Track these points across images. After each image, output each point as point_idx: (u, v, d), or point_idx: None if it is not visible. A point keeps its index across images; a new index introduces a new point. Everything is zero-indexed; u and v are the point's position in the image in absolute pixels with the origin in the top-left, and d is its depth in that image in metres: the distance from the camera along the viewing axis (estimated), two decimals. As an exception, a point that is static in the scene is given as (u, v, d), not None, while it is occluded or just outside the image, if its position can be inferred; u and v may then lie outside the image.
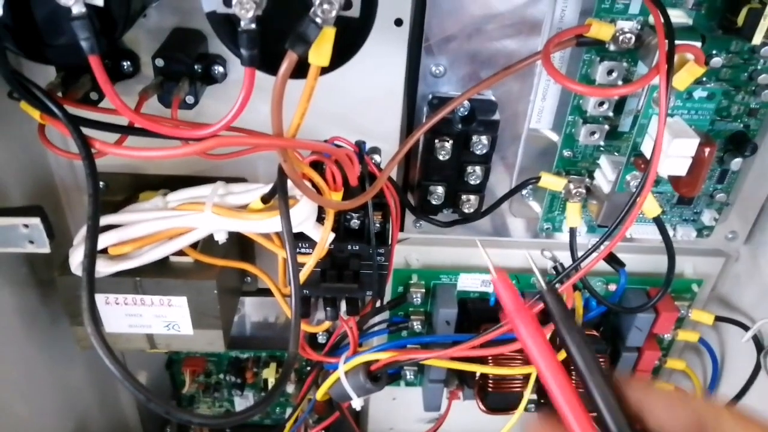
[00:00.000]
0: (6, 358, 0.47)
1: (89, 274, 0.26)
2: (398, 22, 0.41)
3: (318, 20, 0.27)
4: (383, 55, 0.42)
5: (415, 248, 0.53)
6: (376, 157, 0.45)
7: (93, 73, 0.28)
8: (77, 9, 0.27)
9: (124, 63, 0.41)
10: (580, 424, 0.22)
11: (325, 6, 0.27)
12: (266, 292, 0.48)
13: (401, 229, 0.51)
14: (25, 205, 0.44)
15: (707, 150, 0.38)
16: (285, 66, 0.27)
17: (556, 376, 0.23)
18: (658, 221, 0.42)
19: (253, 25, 0.28)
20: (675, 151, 0.37)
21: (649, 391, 0.24)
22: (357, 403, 0.46)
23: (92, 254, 0.27)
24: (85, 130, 0.32)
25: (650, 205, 0.40)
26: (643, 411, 0.24)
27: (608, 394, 0.23)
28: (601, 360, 0.23)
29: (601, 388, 0.23)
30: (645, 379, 0.23)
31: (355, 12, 0.28)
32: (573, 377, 0.24)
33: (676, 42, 0.35)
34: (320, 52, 0.28)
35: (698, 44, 0.37)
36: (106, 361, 0.24)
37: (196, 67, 0.39)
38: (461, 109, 0.43)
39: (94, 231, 0.28)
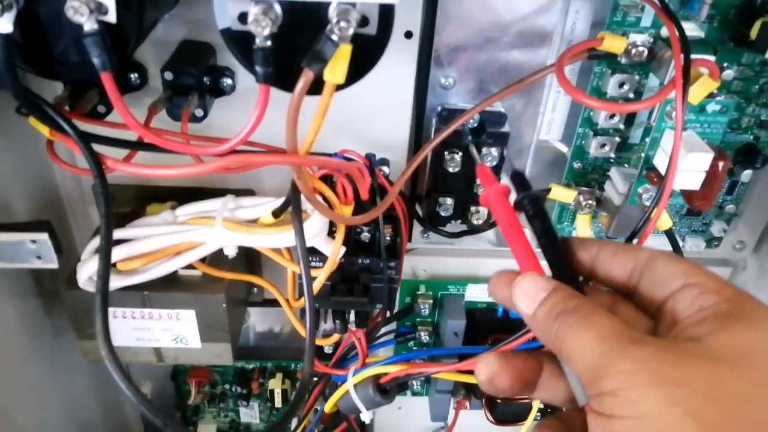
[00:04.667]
0: (10, 368, 0.47)
1: (103, 296, 0.25)
2: (408, 35, 0.41)
3: (334, 38, 0.27)
4: (392, 68, 0.42)
5: (423, 259, 0.53)
6: (385, 169, 0.44)
7: (102, 88, 0.27)
8: (89, 26, 0.26)
9: (132, 75, 0.40)
10: (523, 260, 0.28)
11: (342, 24, 0.26)
12: (272, 303, 0.48)
13: (409, 240, 0.51)
14: (32, 219, 0.44)
15: (721, 164, 0.37)
16: (301, 85, 0.27)
17: (515, 236, 0.29)
18: (669, 234, 0.41)
19: (269, 43, 0.27)
20: (689, 165, 0.36)
21: (600, 246, 0.27)
22: (366, 416, 0.45)
23: (105, 276, 0.26)
24: (95, 146, 0.32)
25: (662, 219, 0.40)
26: (595, 265, 0.27)
27: (552, 247, 0.28)
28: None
29: (550, 246, 0.28)
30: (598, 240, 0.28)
31: (371, 29, 0.28)
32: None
33: (691, 56, 0.34)
34: (336, 70, 0.27)
35: (712, 58, 0.36)
36: (123, 388, 0.24)
37: (205, 79, 0.39)
38: (471, 121, 0.43)
39: (107, 251, 0.27)
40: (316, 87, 0.28)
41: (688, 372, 0.21)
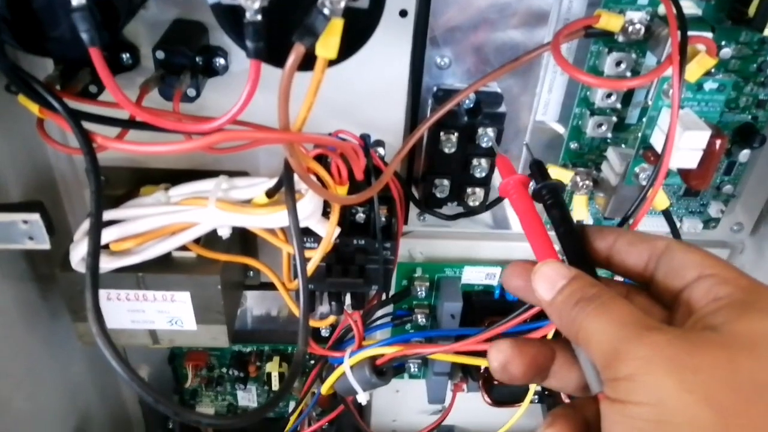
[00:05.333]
0: (6, 353, 0.47)
1: (93, 273, 0.25)
2: (403, 13, 0.41)
3: (326, 11, 0.27)
4: (387, 47, 0.41)
5: (419, 241, 0.52)
6: (381, 150, 0.44)
7: (93, 66, 0.27)
8: (77, 0, 0.26)
9: (124, 55, 0.40)
10: (540, 249, 0.28)
11: (333, -4, 0.26)
12: (269, 286, 0.48)
13: (405, 222, 0.50)
14: (25, 200, 0.43)
15: (718, 142, 0.37)
16: (292, 59, 0.27)
17: (533, 226, 0.29)
18: (666, 214, 0.41)
19: (259, 17, 0.27)
20: (686, 143, 0.36)
21: (617, 235, 0.27)
22: (362, 398, 0.45)
23: (95, 253, 0.26)
24: (86, 124, 0.32)
25: (660, 198, 0.39)
26: (611, 254, 0.27)
27: (569, 236, 0.28)
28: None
29: (567, 236, 0.28)
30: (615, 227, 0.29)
31: (363, 3, 0.28)
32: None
33: (688, 33, 0.34)
34: (328, 45, 0.27)
35: (709, 35, 0.36)
36: (113, 364, 0.24)
37: (197, 59, 0.39)
38: (467, 102, 0.43)
39: (97, 228, 0.27)
40: (309, 63, 0.28)
41: (705, 359, 0.20)
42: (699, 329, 0.22)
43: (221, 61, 0.40)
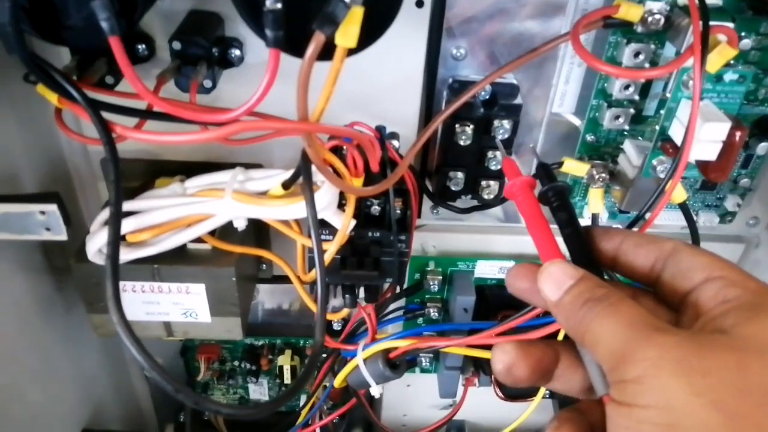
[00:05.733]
0: (21, 345, 0.47)
1: (113, 262, 0.25)
2: (419, 4, 0.40)
3: (346, -1, 0.26)
4: (403, 38, 0.41)
5: (432, 235, 0.52)
6: (395, 143, 0.44)
7: (110, 57, 0.27)
8: (97, -11, 0.26)
9: (140, 46, 0.40)
10: (546, 250, 0.27)
11: (354, -16, 0.26)
12: (282, 279, 0.48)
13: (418, 216, 0.50)
14: (40, 191, 0.43)
15: (738, 134, 0.37)
16: (312, 47, 0.26)
17: (538, 228, 0.28)
18: (683, 207, 0.41)
19: (279, 5, 0.27)
20: (706, 135, 0.36)
21: (623, 237, 0.27)
22: (375, 391, 0.45)
23: (116, 242, 0.26)
24: (104, 114, 0.32)
25: (677, 191, 0.39)
26: (617, 255, 0.27)
27: (575, 238, 0.28)
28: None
29: (573, 237, 0.28)
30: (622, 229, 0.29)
31: (384, -9, 0.28)
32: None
33: (710, 23, 0.34)
34: (348, 33, 0.27)
35: (730, 25, 0.36)
36: (134, 352, 0.24)
37: (213, 50, 0.38)
38: (482, 93, 0.42)
39: (117, 218, 0.27)
40: (327, 53, 0.28)
41: (714, 362, 0.20)
42: (708, 332, 0.22)
43: (237, 52, 0.40)
